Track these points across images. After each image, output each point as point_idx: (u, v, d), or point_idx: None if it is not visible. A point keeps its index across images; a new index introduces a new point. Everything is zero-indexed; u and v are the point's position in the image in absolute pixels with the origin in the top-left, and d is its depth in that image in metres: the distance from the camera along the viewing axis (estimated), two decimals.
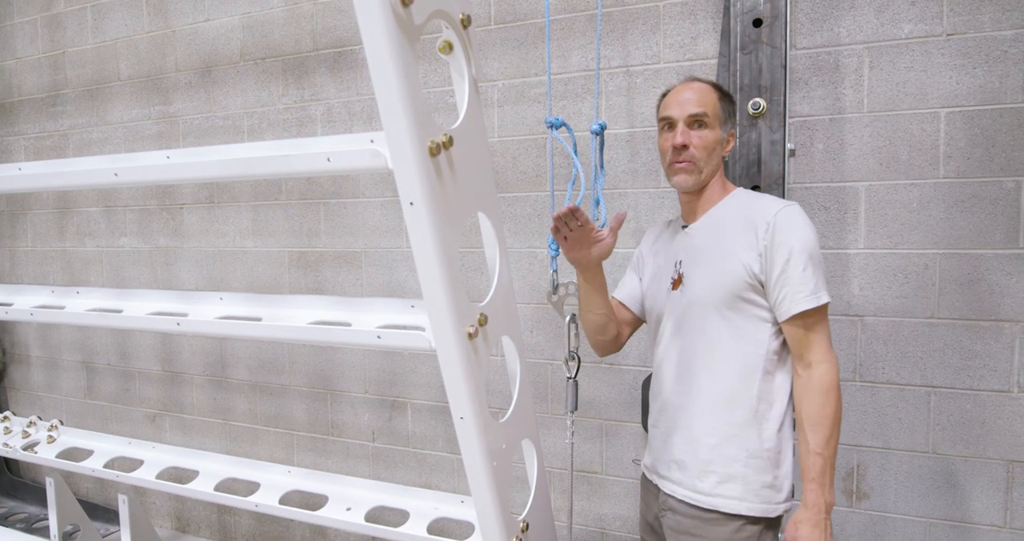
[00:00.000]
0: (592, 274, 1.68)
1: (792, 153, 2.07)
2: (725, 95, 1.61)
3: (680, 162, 1.57)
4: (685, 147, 1.55)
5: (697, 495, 1.52)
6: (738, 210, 1.56)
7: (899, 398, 2.14)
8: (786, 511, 1.53)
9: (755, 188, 1.92)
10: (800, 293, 1.43)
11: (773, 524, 1.51)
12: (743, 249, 1.49)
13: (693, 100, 1.56)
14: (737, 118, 1.92)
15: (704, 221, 1.60)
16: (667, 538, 1.60)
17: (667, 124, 1.59)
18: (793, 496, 1.57)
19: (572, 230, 1.57)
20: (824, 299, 1.43)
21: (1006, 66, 1.98)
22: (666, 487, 1.59)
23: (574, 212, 1.53)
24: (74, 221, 3.64)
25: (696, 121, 1.55)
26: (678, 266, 1.61)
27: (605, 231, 1.59)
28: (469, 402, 1.36)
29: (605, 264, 1.69)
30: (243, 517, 3.31)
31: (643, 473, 1.74)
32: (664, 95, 1.65)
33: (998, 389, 2.04)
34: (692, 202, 1.63)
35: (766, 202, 1.53)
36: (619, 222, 1.58)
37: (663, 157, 1.62)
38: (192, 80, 3.21)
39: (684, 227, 1.65)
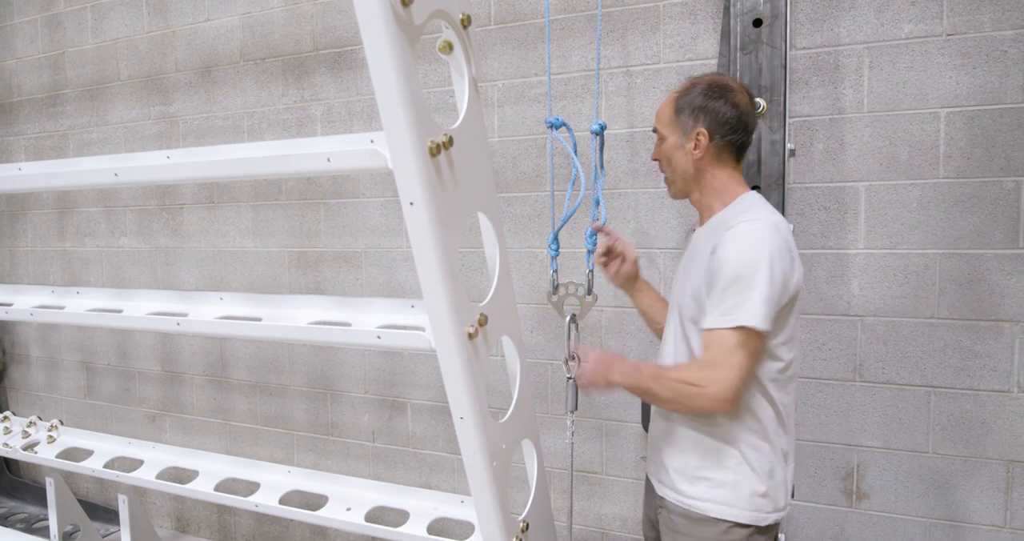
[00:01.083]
0: (632, 293, 1.82)
1: (792, 153, 2.06)
2: (687, 94, 1.53)
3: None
4: (657, 160, 1.62)
5: (687, 499, 1.52)
6: (723, 222, 1.50)
7: (899, 398, 2.14)
8: (778, 521, 1.51)
9: (755, 188, 1.92)
10: (715, 311, 1.38)
11: (764, 531, 1.49)
12: (699, 269, 1.47)
13: (656, 115, 1.61)
14: (712, 114, 1.52)
15: (702, 229, 1.60)
16: (662, 535, 1.61)
17: None
18: (794, 496, 1.57)
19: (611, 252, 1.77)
20: (736, 321, 1.34)
21: (1006, 66, 1.98)
22: (660, 490, 1.61)
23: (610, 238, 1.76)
24: (74, 221, 3.64)
25: (657, 136, 1.60)
26: (681, 271, 1.63)
27: (621, 252, 1.76)
28: (469, 402, 1.36)
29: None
30: (243, 517, 3.31)
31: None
32: None
33: (998, 389, 2.04)
34: (696, 207, 1.62)
35: (735, 218, 1.46)
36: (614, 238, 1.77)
37: None
38: (192, 80, 3.21)
39: (694, 231, 1.67)
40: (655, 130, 1.60)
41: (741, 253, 1.38)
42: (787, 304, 1.42)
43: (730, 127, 1.50)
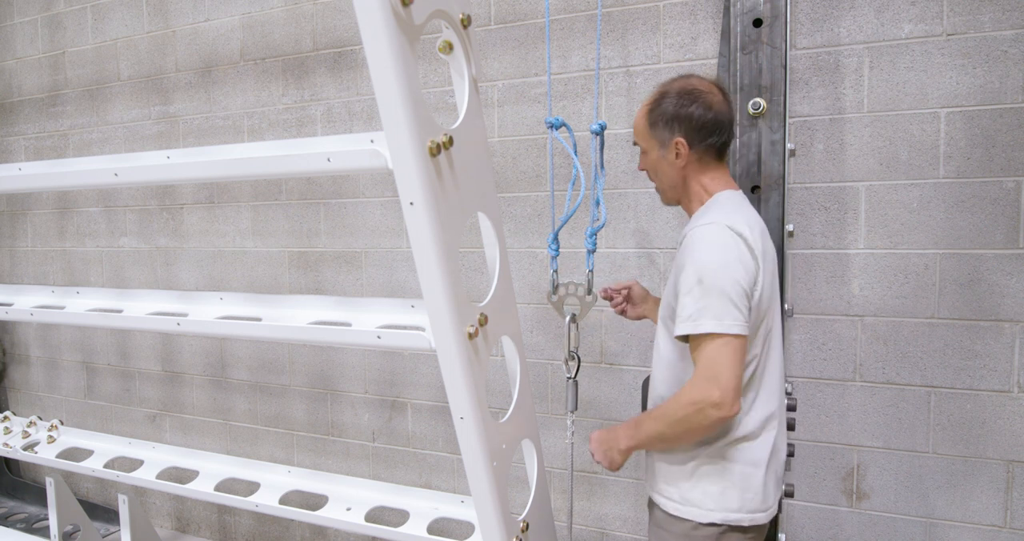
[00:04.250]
0: (652, 315, 1.85)
1: (792, 153, 2.06)
2: (659, 105, 1.52)
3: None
4: (645, 170, 1.63)
5: (655, 494, 1.58)
6: (689, 224, 1.54)
7: (899, 398, 2.14)
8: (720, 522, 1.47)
9: (755, 189, 1.92)
10: (680, 317, 1.38)
11: (712, 530, 1.46)
12: (674, 268, 1.50)
13: (633, 129, 1.61)
14: (687, 122, 1.50)
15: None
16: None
17: None
18: (794, 496, 1.56)
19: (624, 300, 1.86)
20: (703, 328, 1.32)
21: (1006, 66, 1.98)
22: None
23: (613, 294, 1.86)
24: (74, 221, 3.64)
25: (640, 149, 1.61)
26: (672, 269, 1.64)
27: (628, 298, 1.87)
28: (469, 402, 1.36)
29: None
30: (243, 517, 3.31)
31: None
32: None
33: (998, 389, 2.04)
34: (685, 211, 1.63)
35: (697, 219, 1.49)
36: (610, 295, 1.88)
37: None
38: (192, 80, 3.21)
39: None
40: (636, 143, 1.61)
41: (702, 257, 1.37)
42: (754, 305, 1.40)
43: (707, 131, 1.49)
